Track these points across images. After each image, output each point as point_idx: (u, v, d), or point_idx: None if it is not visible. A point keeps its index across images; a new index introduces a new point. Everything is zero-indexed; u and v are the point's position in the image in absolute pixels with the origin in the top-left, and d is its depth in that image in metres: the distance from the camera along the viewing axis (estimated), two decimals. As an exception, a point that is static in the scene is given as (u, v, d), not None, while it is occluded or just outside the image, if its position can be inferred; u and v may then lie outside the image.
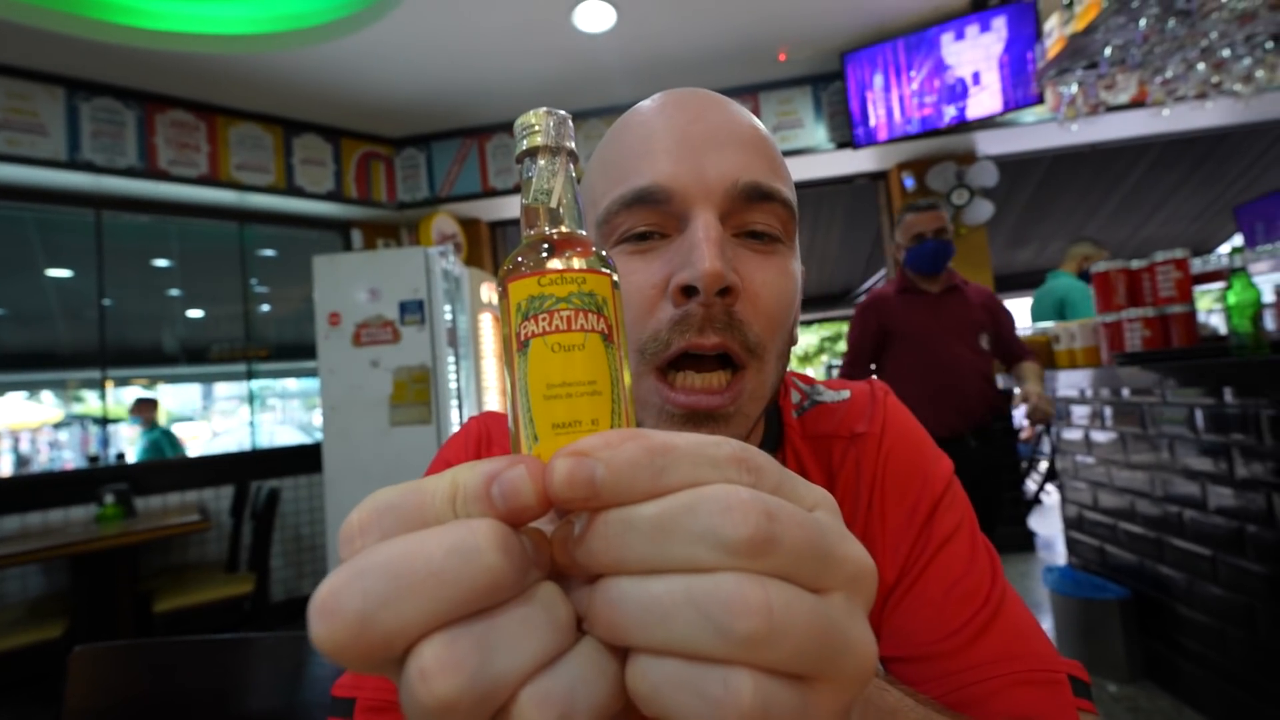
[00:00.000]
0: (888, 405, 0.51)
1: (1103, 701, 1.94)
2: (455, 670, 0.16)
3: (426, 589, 0.16)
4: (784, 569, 0.17)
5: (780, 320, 0.41)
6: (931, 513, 0.46)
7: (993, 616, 0.41)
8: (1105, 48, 2.14)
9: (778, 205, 0.41)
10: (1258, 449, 1.63)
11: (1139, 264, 2.12)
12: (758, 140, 0.42)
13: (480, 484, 0.18)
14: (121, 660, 0.78)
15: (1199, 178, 4.78)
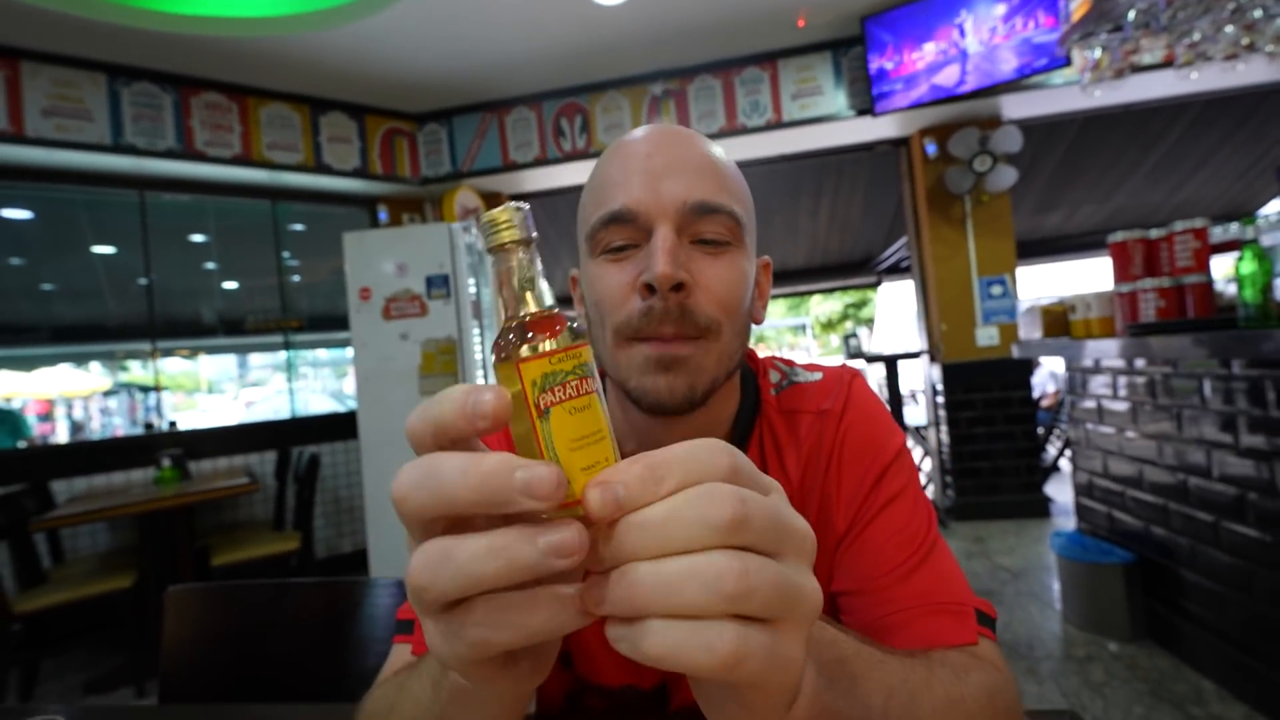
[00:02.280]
0: (852, 387, 0.59)
1: (1103, 659, 2.02)
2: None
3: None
4: (753, 541, 0.24)
5: (731, 306, 0.51)
6: (880, 477, 0.54)
7: (921, 562, 0.50)
8: (1130, 11, 2.09)
9: (724, 216, 0.50)
10: (1264, 420, 1.65)
11: (1158, 233, 2.11)
12: (707, 166, 0.51)
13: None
14: (208, 598, 0.91)
15: (1241, 136, 4.58)
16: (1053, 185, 5.02)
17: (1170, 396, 1.99)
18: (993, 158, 3.50)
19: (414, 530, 0.26)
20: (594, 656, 0.59)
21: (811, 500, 0.56)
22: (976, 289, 3.72)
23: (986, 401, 3.68)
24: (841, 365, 0.62)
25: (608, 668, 0.59)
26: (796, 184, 5.03)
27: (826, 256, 6.50)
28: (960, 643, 0.45)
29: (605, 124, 3.86)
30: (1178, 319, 1.98)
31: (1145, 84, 3.30)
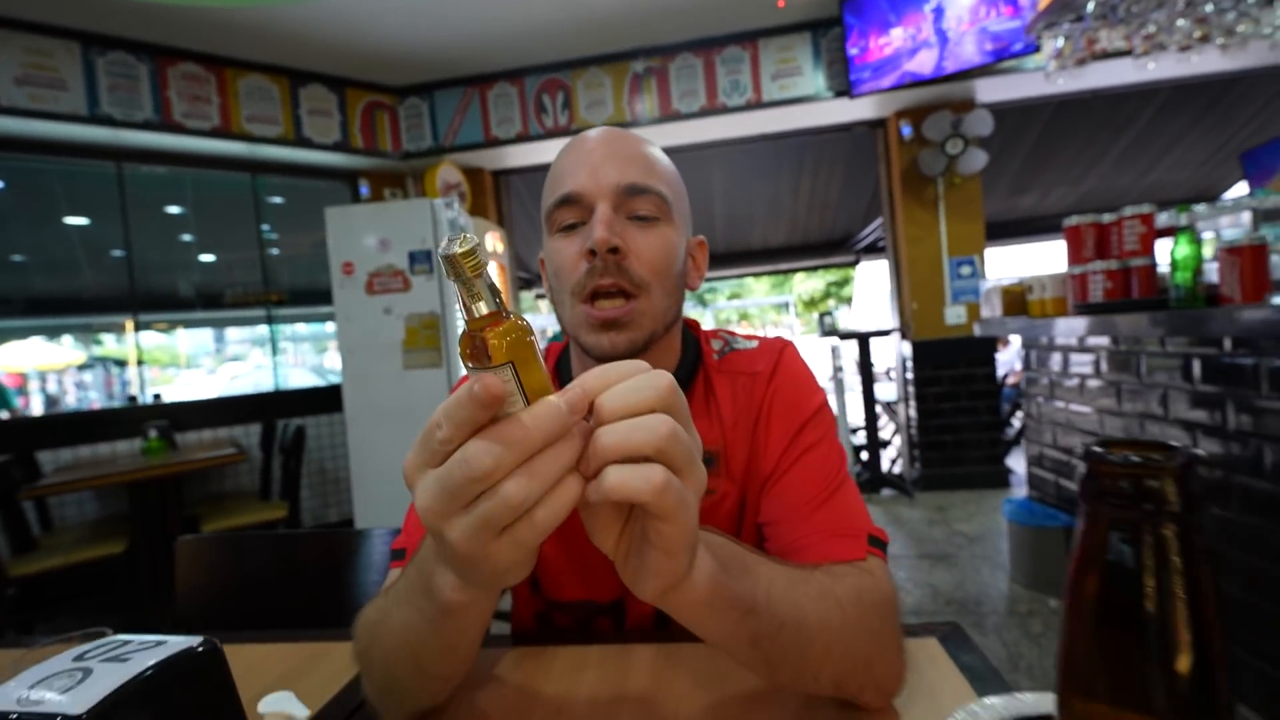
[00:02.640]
0: (783, 354, 0.69)
1: (1043, 614, 2.19)
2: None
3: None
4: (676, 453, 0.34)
5: (659, 268, 0.61)
6: (801, 429, 0.64)
7: (829, 498, 0.60)
8: (1089, 3, 2.18)
9: (653, 195, 0.61)
10: (1191, 393, 1.79)
11: (1109, 218, 2.22)
12: (640, 157, 0.63)
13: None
14: (216, 546, 1.00)
15: (1207, 123, 4.72)
16: (1026, 168, 5.14)
17: (1113, 372, 2.13)
18: (964, 141, 3.59)
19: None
20: (558, 578, 0.69)
21: (743, 445, 0.66)
22: (947, 269, 3.84)
23: (953, 378, 3.83)
24: (775, 337, 0.73)
25: (569, 585, 0.69)
26: (777, 163, 5.09)
27: (807, 235, 6.60)
28: (850, 558, 0.56)
29: (587, 101, 3.88)
30: (1122, 299, 2.11)
31: (1110, 71, 3.40)
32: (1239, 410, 1.62)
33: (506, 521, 0.32)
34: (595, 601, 0.69)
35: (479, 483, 0.31)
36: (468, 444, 0.31)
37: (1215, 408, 1.69)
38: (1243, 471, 1.61)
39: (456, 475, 0.31)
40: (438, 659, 0.48)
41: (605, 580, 0.68)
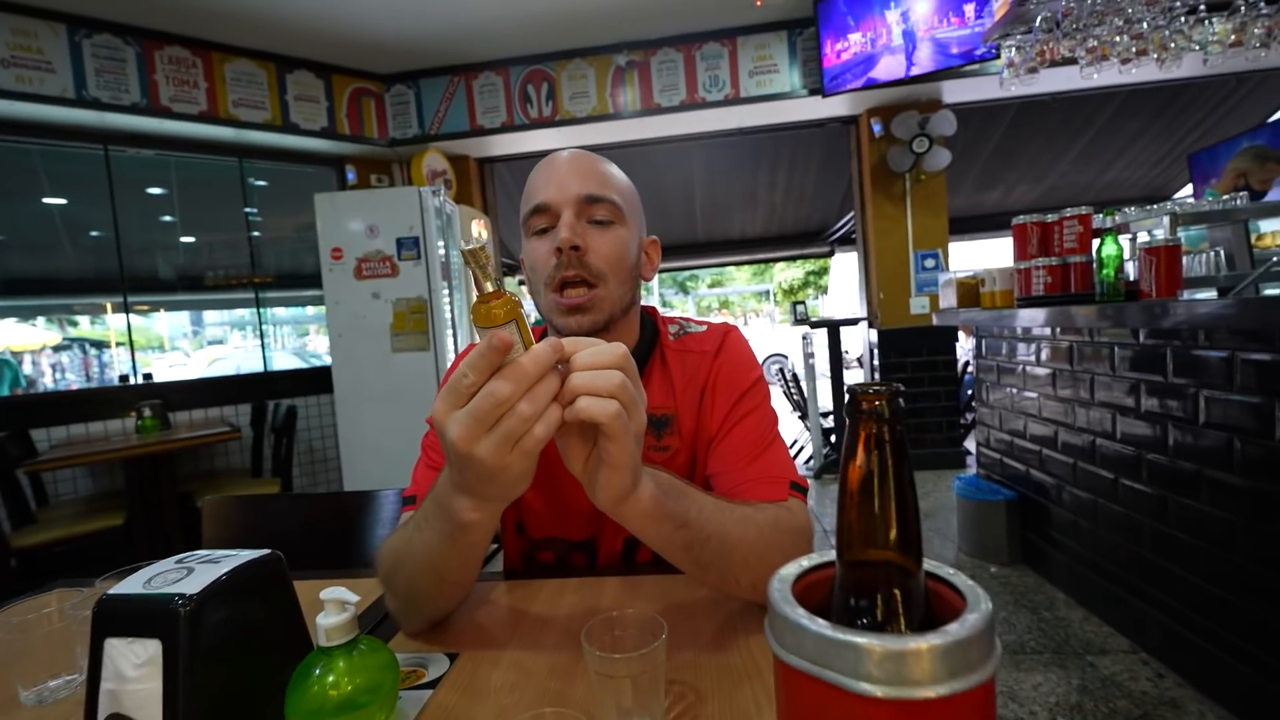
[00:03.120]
0: (727, 337, 0.85)
1: (983, 579, 2.41)
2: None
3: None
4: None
5: (614, 262, 0.76)
6: (740, 399, 0.80)
7: (761, 453, 0.76)
8: (1037, 17, 2.35)
9: (607, 203, 0.76)
10: (1109, 379, 2.00)
11: (1052, 217, 2.42)
12: (597, 172, 0.78)
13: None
14: (238, 505, 1.14)
15: (1159, 126, 4.98)
16: (991, 165, 5.36)
17: (1051, 360, 2.34)
18: (929, 140, 3.78)
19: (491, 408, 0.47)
20: (538, 519, 0.85)
21: (692, 411, 0.82)
22: (912, 261, 4.04)
23: (916, 364, 4.05)
24: (722, 322, 0.89)
25: (547, 525, 0.85)
26: (755, 156, 5.24)
27: (784, 226, 6.78)
28: (774, 499, 0.72)
29: (571, 92, 3.98)
30: (1060, 293, 2.31)
31: (1063, 77, 3.59)
32: (1150, 394, 1.83)
33: (519, 435, 0.47)
34: (569, 539, 0.85)
35: (500, 407, 0.46)
36: (489, 382, 0.46)
37: (1133, 392, 1.90)
38: (1154, 449, 1.82)
39: (484, 404, 0.46)
40: (455, 569, 0.63)
41: (576, 521, 0.83)
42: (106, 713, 0.47)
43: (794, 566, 0.37)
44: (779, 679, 0.33)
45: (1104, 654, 1.84)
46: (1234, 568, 1.55)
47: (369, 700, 0.51)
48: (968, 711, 0.28)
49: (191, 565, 0.54)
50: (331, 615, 0.53)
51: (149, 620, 0.48)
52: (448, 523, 0.57)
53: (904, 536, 0.32)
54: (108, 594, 0.50)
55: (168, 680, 0.46)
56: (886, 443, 0.32)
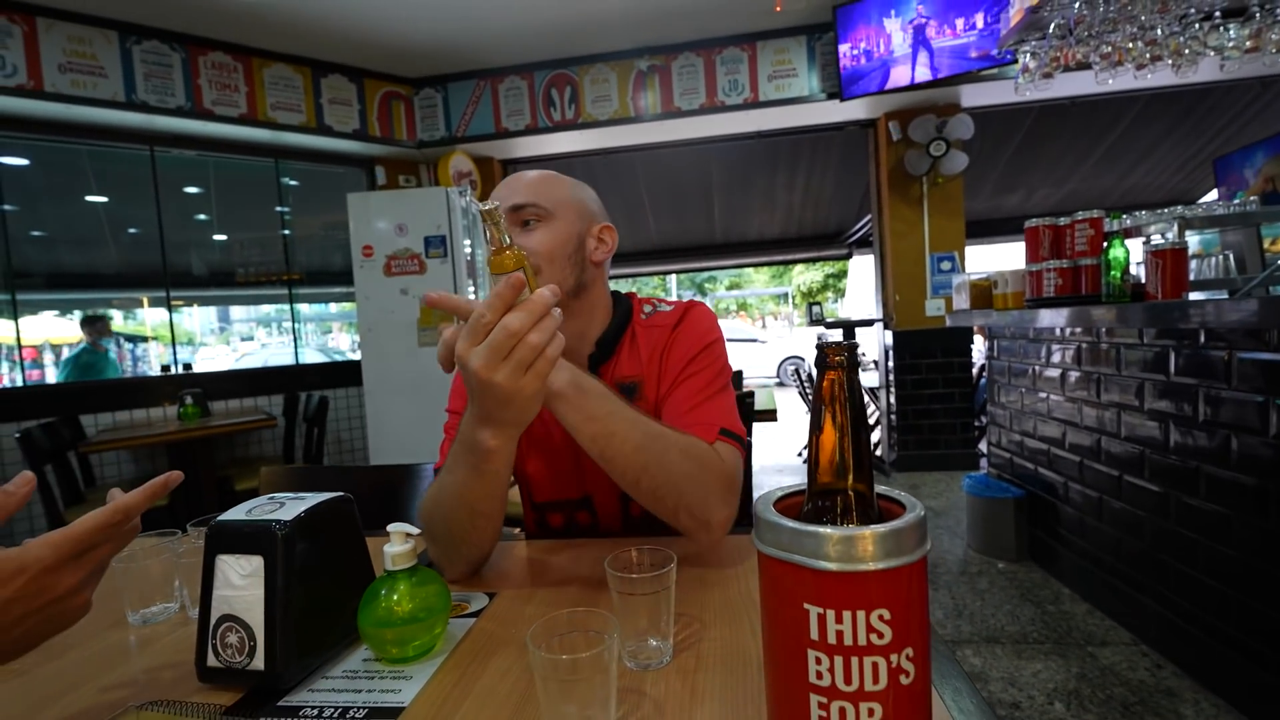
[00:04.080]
0: (689, 312, 0.95)
1: (990, 574, 2.46)
2: None
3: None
4: None
5: (545, 256, 0.86)
6: (692, 359, 0.89)
7: (701, 404, 0.85)
8: (1051, 23, 2.40)
9: (529, 208, 0.87)
10: (1116, 378, 2.05)
11: (1064, 221, 2.46)
12: (522, 185, 0.89)
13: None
14: (291, 475, 1.25)
15: (1183, 130, 4.95)
16: (1011, 169, 5.36)
17: (1060, 360, 2.38)
18: (946, 143, 3.82)
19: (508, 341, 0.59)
20: (540, 485, 0.96)
21: (654, 379, 0.92)
22: (928, 263, 4.08)
23: (930, 366, 4.09)
24: (689, 300, 0.98)
25: (547, 489, 0.96)
26: (774, 158, 5.30)
27: (801, 228, 6.83)
28: (702, 439, 0.80)
29: (593, 95, 4.09)
30: (1071, 294, 2.35)
31: (1079, 82, 3.62)
32: (1153, 393, 1.88)
33: (530, 361, 0.58)
34: (570, 498, 0.95)
35: (514, 338, 0.58)
36: (505, 318, 0.58)
37: (1137, 392, 1.95)
38: (1157, 447, 1.87)
39: (500, 337, 0.58)
40: (483, 499, 0.73)
41: (571, 481, 0.94)
42: (219, 613, 0.58)
43: (778, 491, 0.46)
44: (761, 569, 0.42)
45: (1105, 645, 1.89)
46: (1230, 561, 1.60)
47: (426, 616, 0.61)
48: (901, 582, 0.37)
49: (282, 501, 0.65)
50: (397, 544, 0.63)
51: (254, 539, 0.58)
52: (473, 454, 0.69)
53: (859, 465, 0.42)
54: (218, 519, 0.61)
55: (269, 588, 0.57)
56: (845, 385, 0.41)
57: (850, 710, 0.38)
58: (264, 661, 0.56)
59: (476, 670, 0.58)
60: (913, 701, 0.38)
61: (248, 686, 0.56)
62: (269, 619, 0.56)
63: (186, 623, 0.73)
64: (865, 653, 0.37)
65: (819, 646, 0.38)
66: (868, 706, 0.38)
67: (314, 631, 0.60)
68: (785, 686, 0.41)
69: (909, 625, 0.38)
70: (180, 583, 0.76)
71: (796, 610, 0.39)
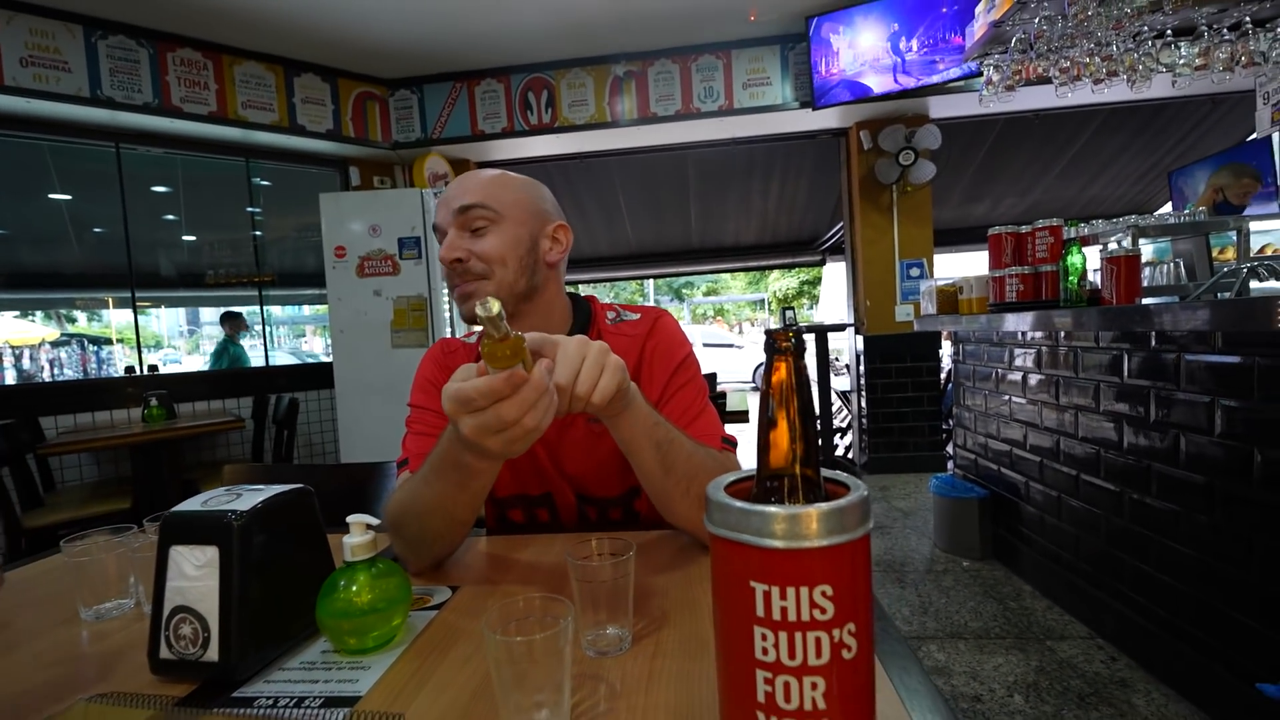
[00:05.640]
0: (658, 322, 0.96)
1: (955, 572, 2.52)
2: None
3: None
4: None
5: (495, 259, 0.86)
6: (674, 373, 0.91)
7: (696, 417, 0.88)
8: (1013, 38, 2.49)
9: (478, 209, 0.86)
10: (1074, 380, 2.12)
11: (1025, 229, 2.54)
12: (475, 186, 0.88)
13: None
14: (256, 473, 1.24)
15: (1140, 144, 5.14)
16: (978, 178, 5.51)
17: (1020, 364, 2.45)
18: (915, 153, 3.91)
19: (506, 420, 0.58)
20: (502, 480, 0.95)
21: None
22: (898, 270, 4.17)
23: (900, 370, 4.17)
24: (653, 307, 1.00)
25: (506, 483, 0.96)
26: (749, 165, 5.37)
27: (776, 234, 6.92)
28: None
29: (570, 100, 4.11)
30: (1032, 299, 2.43)
31: (1043, 96, 3.74)
32: (1108, 394, 1.95)
33: (522, 436, 0.58)
34: (529, 494, 0.96)
35: (507, 424, 0.57)
36: (499, 405, 0.56)
37: (1094, 394, 2.01)
38: (1110, 448, 1.93)
39: (491, 420, 0.57)
40: (464, 508, 0.75)
41: (532, 478, 0.95)
42: (173, 605, 0.57)
43: (728, 476, 0.47)
44: (711, 550, 0.43)
45: (1063, 639, 1.94)
46: (1180, 557, 1.66)
47: (385, 607, 0.61)
48: (844, 559, 0.39)
49: (239, 492, 0.64)
50: (356, 535, 0.63)
51: (208, 530, 0.58)
52: (459, 472, 0.69)
53: (806, 447, 0.43)
54: (172, 510, 0.60)
55: (223, 579, 0.57)
56: (793, 370, 0.43)
57: (794, 684, 0.39)
58: (218, 652, 0.55)
59: (435, 660, 0.58)
60: (855, 675, 0.40)
61: (202, 678, 0.56)
62: (224, 610, 0.56)
63: (141, 619, 0.72)
64: (809, 628, 0.39)
65: (764, 623, 0.39)
66: (811, 680, 0.39)
67: (270, 623, 0.60)
68: (733, 663, 0.42)
69: (852, 601, 0.39)
70: (136, 579, 0.75)
71: (743, 588, 0.40)
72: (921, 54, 3.55)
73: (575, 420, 0.91)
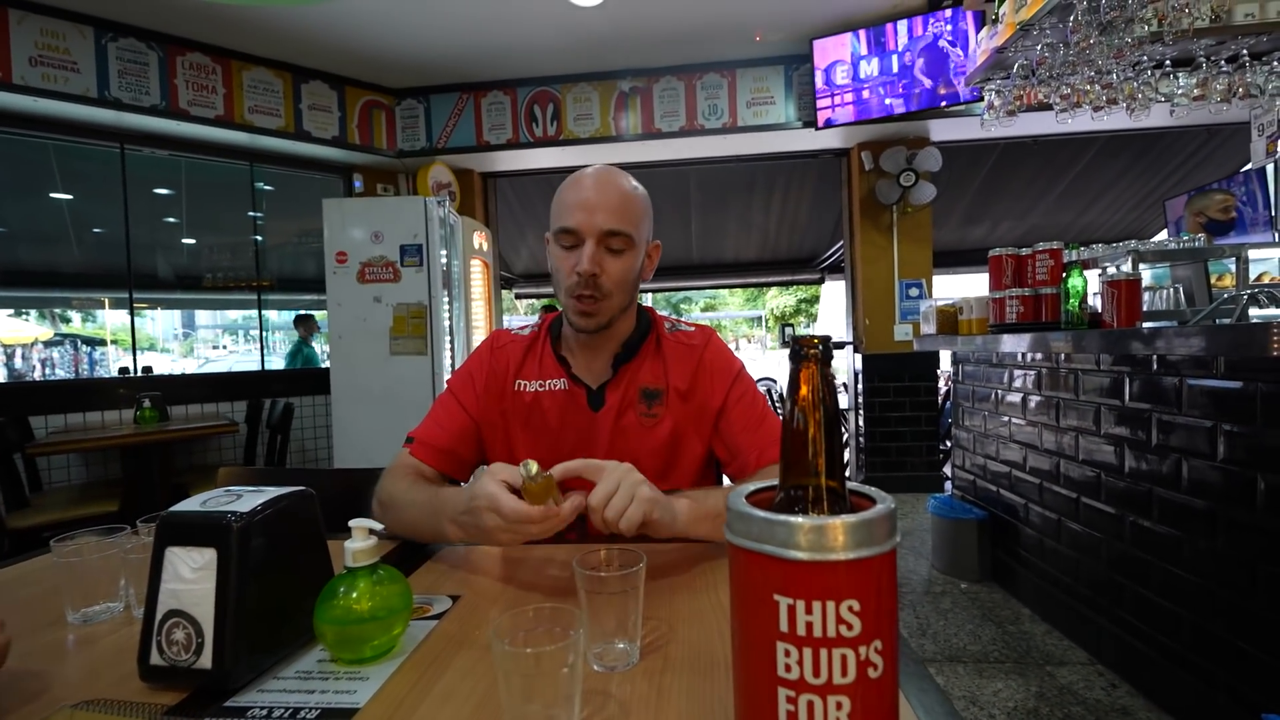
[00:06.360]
0: (710, 338, 1.03)
1: (953, 594, 2.49)
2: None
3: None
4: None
5: (620, 282, 0.93)
6: (733, 383, 0.97)
7: (760, 423, 0.94)
8: (1015, 64, 2.52)
9: (622, 236, 0.91)
10: (1074, 403, 2.11)
11: (1026, 251, 2.55)
12: (618, 204, 0.91)
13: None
14: (255, 476, 1.21)
15: (1136, 171, 5.20)
16: (977, 201, 5.56)
17: (1020, 385, 2.45)
18: (915, 174, 3.95)
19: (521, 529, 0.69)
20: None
21: (680, 393, 0.98)
22: (897, 289, 4.19)
23: (898, 389, 4.17)
24: (706, 326, 1.06)
25: None
26: (751, 182, 5.41)
27: (776, 252, 6.96)
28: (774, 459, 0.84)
29: (575, 114, 4.14)
30: (1032, 321, 2.43)
31: (1042, 121, 3.78)
32: (1109, 417, 1.94)
33: (524, 540, 0.71)
34: (569, 490, 0.99)
35: (522, 537, 0.70)
36: (525, 527, 0.68)
37: (1094, 416, 2.01)
38: (1110, 472, 1.92)
39: (514, 533, 0.70)
40: (439, 540, 0.87)
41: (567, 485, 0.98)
42: (166, 608, 0.55)
43: (749, 485, 0.46)
44: (731, 562, 0.42)
45: (1062, 665, 1.92)
46: (1181, 582, 1.64)
47: (385, 615, 0.59)
48: (871, 573, 0.38)
49: (239, 493, 0.62)
50: (359, 540, 0.61)
51: (207, 532, 0.56)
52: (444, 523, 0.80)
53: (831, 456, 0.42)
54: (170, 510, 0.59)
55: (220, 582, 0.55)
56: (818, 377, 0.42)
57: (818, 703, 0.38)
58: (211, 659, 0.53)
59: (436, 671, 0.57)
60: (880, 695, 0.38)
61: (193, 686, 0.54)
62: (219, 614, 0.54)
63: (131, 623, 0.69)
64: (834, 645, 0.37)
65: (788, 639, 0.38)
66: (835, 700, 0.37)
67: (266, 629, 0.58)
68: (753, 681, 0.40)
69: (878, 617, 0.38)
70: (126, 581, 0.73)
71: (766, 602, 0.39)
72: (924, 77, 3.59)
73: (629, 410, 0.97)
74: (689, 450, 0.97)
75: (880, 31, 3.58)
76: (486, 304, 4.23)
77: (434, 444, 0.99)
